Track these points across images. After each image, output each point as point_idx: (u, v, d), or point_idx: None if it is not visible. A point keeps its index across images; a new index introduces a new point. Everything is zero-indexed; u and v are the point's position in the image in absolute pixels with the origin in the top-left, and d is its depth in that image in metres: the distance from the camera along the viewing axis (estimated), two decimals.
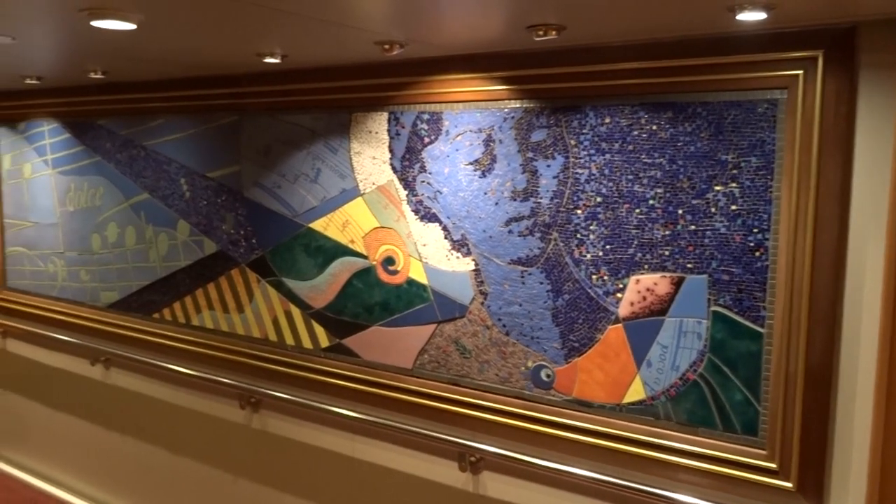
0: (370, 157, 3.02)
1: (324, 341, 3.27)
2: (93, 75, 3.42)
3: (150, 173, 3.89)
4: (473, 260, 2.78)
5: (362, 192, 3.06)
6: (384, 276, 3.04)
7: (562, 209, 2.55)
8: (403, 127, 2.91)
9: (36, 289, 4.68)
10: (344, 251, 3.15)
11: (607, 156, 2.44)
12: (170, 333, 3.89)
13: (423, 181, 2.88)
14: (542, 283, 2.62)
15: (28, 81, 3.79)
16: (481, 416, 2.80)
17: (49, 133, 4.44)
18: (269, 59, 2.75)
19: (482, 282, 2.76)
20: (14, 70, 3.49)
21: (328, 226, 3.19)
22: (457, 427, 2.88)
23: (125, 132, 3.99)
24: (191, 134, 3.69)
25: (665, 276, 2.37)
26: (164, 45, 2.56)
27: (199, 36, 2.39)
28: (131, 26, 2.04)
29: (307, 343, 3.33)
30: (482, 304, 2.77)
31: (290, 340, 3.39)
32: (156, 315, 3.96)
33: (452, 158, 2.79)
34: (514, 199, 2.65)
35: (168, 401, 4.01)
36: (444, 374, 2.90)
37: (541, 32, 2.11)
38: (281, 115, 3.32)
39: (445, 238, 2.84)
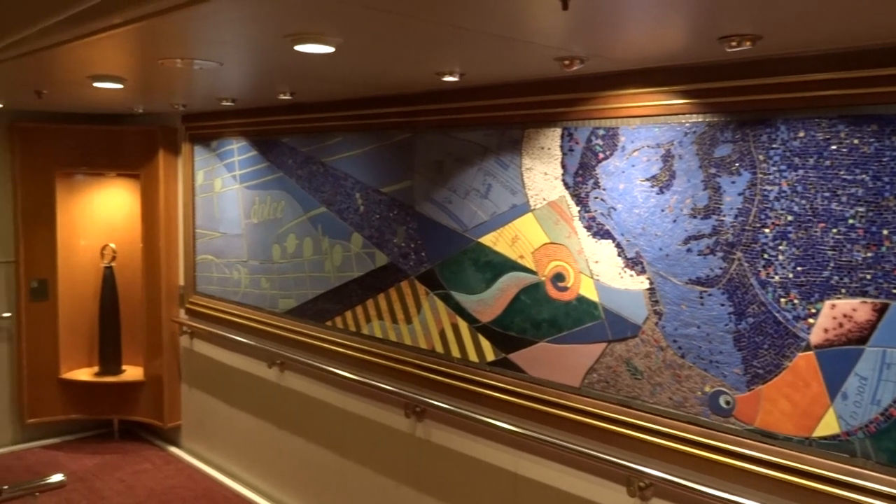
0: (542, 172, 3.02)
1: (489, 355, 3.30)
2: (282, 96, 3.67)
3: (327, 188, 4.11)
4: (648, 278, 2.70)
5: (533, 207, 3.07)
6: (553, 293, 3.02)
7: (747, 227, 2.42)
8: (577, 143, 2.89)
9: (221, 294, 5.06)
10: (513, 266, 3.17)
11: (800, 172, 2.30)
12: (341, 341, 4.07)
13: (596, 197, 2.84)
14: (723, 305, 2.50)
15: (224, 103, 4.12)
16: (652, 440, 2.71)
17: (238, 150, 4.81)
18: (447, 78, 2.83)
19: (657, 301, 2.68)
20: (213, 93, 3.81)
21: (497, 241, 3.22)
22: (626, 450, 2.80)
23: (306, 149, 4.24)
24: (366, 151, 3.86)
25: (866, 302, 2.19)
26: (353, 67, 2.70)
27: (386, 56, 2.50)
28: (330, 49, 2.17)
29: (473, 356, 3.37)
30: (656, 324, 2.69)
31: (456, 353, 3.45)
32: (328, 322, 4.17)
33: (628, 174, 2.73)
34: (695, 217, 2.56)
35: (336, 405, 4.19)
36: (613, 394, 2.84)
37: (734, 43, 2.02)
38: (453, 132, 3.40)
39: (619, 255, 2.78)
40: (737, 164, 2.44)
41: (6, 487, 2.60)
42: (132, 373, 5.74)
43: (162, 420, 5.57)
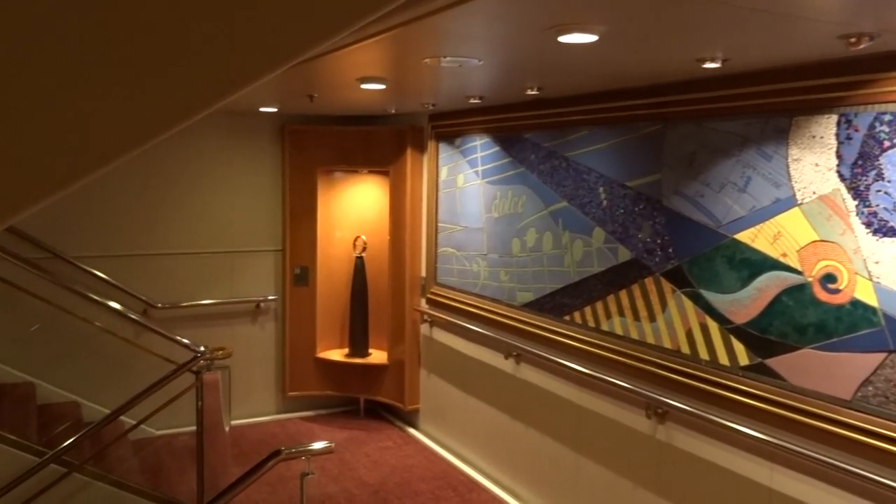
0: (812, 163, 2.78)
1: (743, 359, 3.10)
2: (529, 92, 3.73)
3: (569, 182, 4.11)
4: None
5: (799, 201, 2.83)
6: (821, 295, 2.76)
7: None
8: (857, 130, 2.62)
9: (460, 286, 5.26)
10: (773, 265, 2.95)
11: None
12: (579, 336, 4.06)
13: (878, 190, 2.55)
14: None
15: (471, 101, 4.28)
16: None
17: (481, 147, 4.97)
18: (708, 65, 2.69)
19: None
20: (464, 91, 3.97)
21: (756, 237, 3.01)
22: None
23: (548, 144, 4.28)
24: (611, 144, 3.81)
25: None
26: (612, 57, 2.67)
27: (647, 43, 2.44)
28: (593, 38, 2.16)
29: (723, 359, 3.19)
30: None
31: (704, 355, 3.28)
32: (566, 317, 4.17)
33: None
34: None
35: (572, 400, 4.18)
36: (894, 411, 2.53)
37: None
38: (708, 122, 3.24)
39: None
40: None
41: (284, 449, 2.92)
42: (377, 356, 6.17)
43: (402, 402, 5.91)
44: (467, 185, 5.14)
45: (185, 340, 4.32)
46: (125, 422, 4.61)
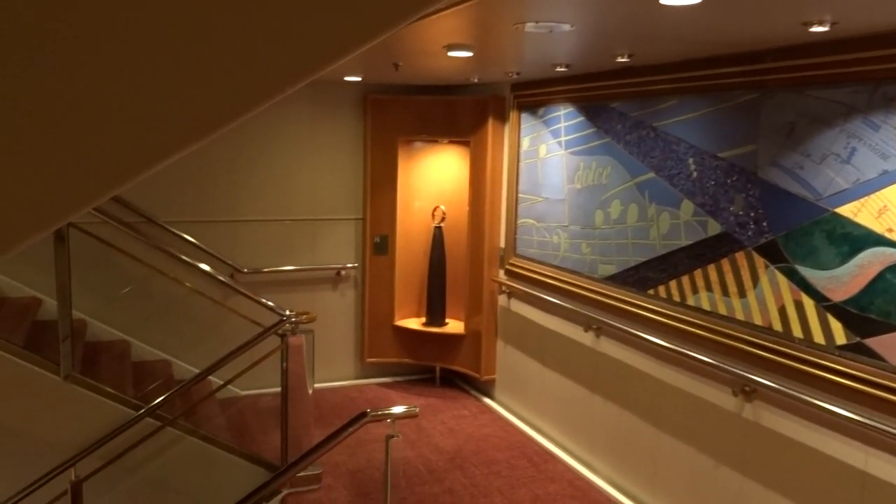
0: None
1: (840, 338, 2.98)
2: (619, 59, 3.63)
3: (657, 153, 4.00)
4: None
5: None
6: None
7: None
8: None
9: (540, 257, 5.23)
10: (877, 240, 2.81)
11: None
12: (662, 310, 3.98)
13: None
14: None
15: (557, 69, 4.20)
16: None
17: (564, 117, 4.89)
18: (815, 28, 2.56)
19: None
20: (550, 59, 3.90)
21: (859, 211, 2.87)
22: None
23: (636, 114, 4.17)
24: (703, 114, 3.68)
25: None
26: (714, 20, 2.56)
27: (753, 6, 2.33)
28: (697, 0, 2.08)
29: (818, 338, 3.07)
30: None
31: (797, 332, 3.17)
32: (650, 291, 4.09)
33: None
34: None
35: (654, 375, 4.12)
36: None
37: None
38: (809, 90, 3.09)
39: None
40: None
41: (369, 410, 2.98)
42: (454, 326, 6.21)
43: (479, 372, 5.95)
44: (549, 156, 5.08)
45: (272, 304, 4.45)
46: (213, 381, 4.80)
